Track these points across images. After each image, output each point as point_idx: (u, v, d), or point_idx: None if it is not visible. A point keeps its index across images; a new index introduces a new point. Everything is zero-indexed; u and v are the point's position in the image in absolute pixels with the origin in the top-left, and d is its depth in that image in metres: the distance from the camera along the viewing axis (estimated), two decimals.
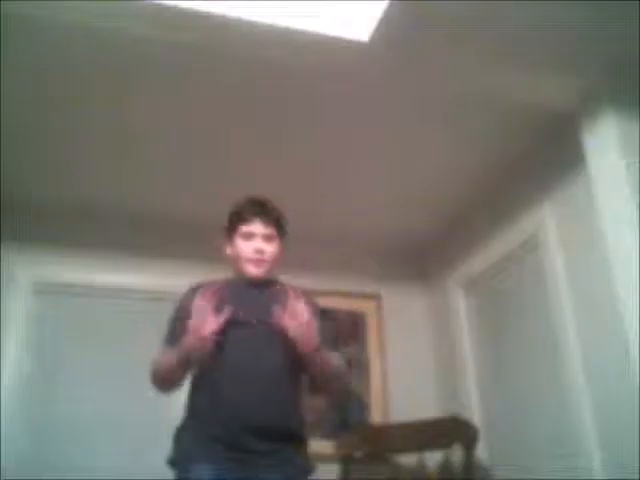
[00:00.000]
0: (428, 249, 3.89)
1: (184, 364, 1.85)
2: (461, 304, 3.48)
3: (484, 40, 2.21)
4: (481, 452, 3.04)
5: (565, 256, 2.70)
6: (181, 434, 1.91)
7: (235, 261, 2.03)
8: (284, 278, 2.13)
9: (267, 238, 2.00)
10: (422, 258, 3.93)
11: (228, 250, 2.06)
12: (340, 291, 3.63)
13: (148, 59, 2.38)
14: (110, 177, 3.15)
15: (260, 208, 2.04)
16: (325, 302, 3.55)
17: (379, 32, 2.08)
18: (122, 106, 2.65)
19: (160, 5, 1.94)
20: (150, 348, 3.20)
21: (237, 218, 2.04)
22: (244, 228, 2.01)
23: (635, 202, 2.16)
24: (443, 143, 2.94)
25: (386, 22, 2.04)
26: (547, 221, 2.81)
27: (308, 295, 2.09)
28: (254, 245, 1.99)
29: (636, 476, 2.09)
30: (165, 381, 1.95)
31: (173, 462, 1.88)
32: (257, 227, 2.00)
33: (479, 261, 3.32)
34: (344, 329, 3.60)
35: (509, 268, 3.11)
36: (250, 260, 1.98)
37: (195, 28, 2.05)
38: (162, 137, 2.86)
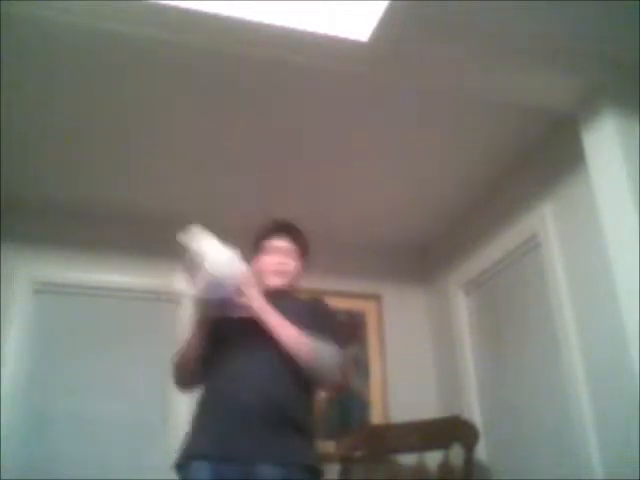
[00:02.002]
0: (428, 249, 3.89)
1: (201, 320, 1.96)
2: (461, 304, 3.48)
3: (484, 40, 2.21)
4: (481, 452, 3.04)
5: (565, 256, 2.70)
6: (187, 435, 1.95)
7: (258, 275, 2.16)
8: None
9: (289, 253, 2.18)
10: (422, 258, 3.93)
11: (253, 266, 2.19)
12: (340, 291, 3.63)
13: (149, 59, 2.38)
14: (110, 177, 3.15)
15: (283, 226, 2.24)
16: None
17: (379, 32, 2.07)
18: (122, 106, 2.66)
19: (161, 5, 1.94)
20: (150, 348, 3.23)
21: (262, 235, 2.23)
22: (267, 244, 2.20)
23: (635, 202, 2.16)
24: (443, 143, 2.94)
25: (386, 22, 2.04)
26: (547, 221, 2.81)
27: (316, 300, 2.22)
28: (276, 258, 2.16)
29: (636, 476, 2.09)
30: (183, 364, 2.01)
31: (176, 465, 1.89)
32: (279, 242, 2.19)
33: (479, 261, 3.32)
34: (344, 329, 3.60)
35: (509, 268, 3.11)
36: (272, 272, 2.15)
37: (195, 28, 2.05)
38: (163, 137, 2.86)
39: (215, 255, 1.90)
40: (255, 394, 1.86)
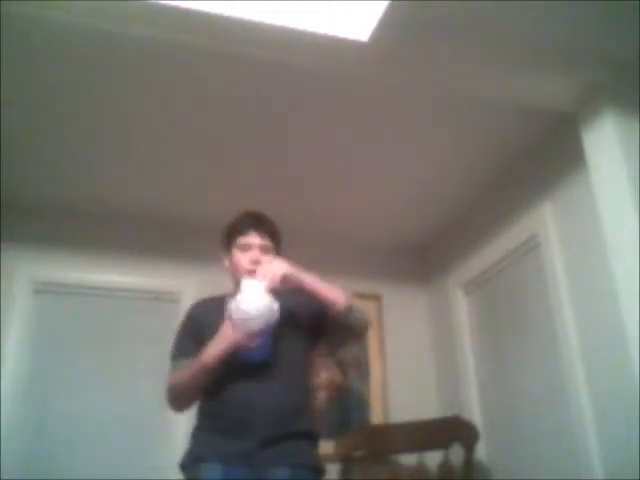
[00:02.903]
0: (428, 249, 3.89)
1: (221, 358, 1.86)
2: (461, 304, 3.48)
3: (484, 40, 2.21)
4: (481, 452, 3.04)
5: (565, 256, 2.70)
6: (194, 435, 1.95)
7: (234, 273, 2.08)
8: None
9: (263, 249, 2.05)
10: (422, 258, 3.93)
11: (227, 263, 2.11)
12: None
13: (148, 59, 2.38)
14: (110, 177, 3.15)
15: (255, 220, 2.10)
16: None
17: (379, 32, 2.07)
18: (122, 106, 2.66)
19: (161, 5, 1.94)
20: (150, 348, 3.23)
21: (234, 231, 2.10)
22: (241, 240, 2.06)
23: (635, 202, 2.16)
24: (443, 143, 2.94)
25: (386, 22, 2.04)
26: (547, 221, 2.81)
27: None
28: (251, 256, 2.03)
29: (636, 476, 2.10)
30: (185, 393, 1.97)
31: (182, 465, 1.89)
32: (253, 238, 2.06)
33: (479, 261, 3.32)
34: None
35: (509, 268, 3.11)
36: (247, 271, 2.01)
37: (195, 28, 2.05)
38: (162, 137, 2.86)
39: (248, 294, 1.89)
40: (266, 403, 1.86)
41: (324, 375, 3.46)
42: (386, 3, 1.99)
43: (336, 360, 3.52)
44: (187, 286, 3.31)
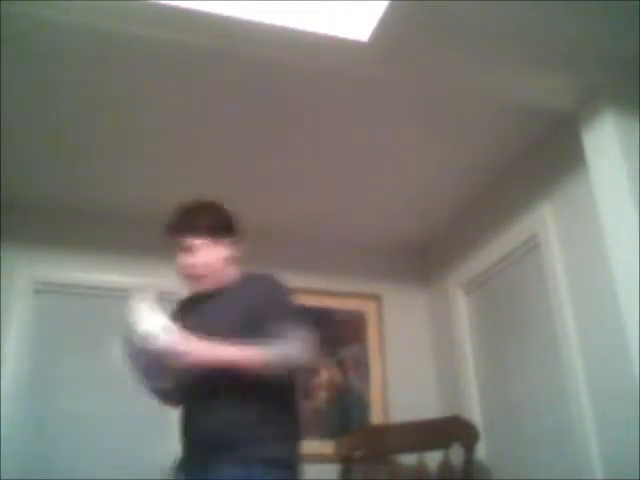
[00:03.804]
0: (428, 249, 3.89)
1: None
2: (461, 304, 3.48)
3: (484, 40, 2.21)
4: (481, 452, 3.04)
5: (565, 256, 2.70)
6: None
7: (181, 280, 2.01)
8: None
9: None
10: (422, 258, 3.93)
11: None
12: (340, 291, 3.63)
13: (148, 59, 2.38)
14: (110, 177, 3.15)
15: (175, 220, 1.94)
16: (325, 302, 3.57)
17: (379, 32, 2.08)
18: (122, 106, 2.66)
19: (161, 5, 1.94)
20: None
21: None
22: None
23: (635, 202, 2.16)
24: (443, 143, 2.94)
25: (386, 22, 2.04)
26: (547, 221, 2.81)
27: (260, 276, 1.93)
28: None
29: (636, 476, 2.10)
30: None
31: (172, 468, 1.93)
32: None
33: (479, 261, 3.32)
34: (344, 329, 3.60)
35: (509, 268, 3.11)
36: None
37: (195, 28, 2.06)
38: (162, 137, 2.87)
39: (145, 325, 1.83)
40: (205, 422, 1.80)
41: (324, 375, 3.46)
42: (386, 3, 1.99)
43: (336, 360, 3.52)
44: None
